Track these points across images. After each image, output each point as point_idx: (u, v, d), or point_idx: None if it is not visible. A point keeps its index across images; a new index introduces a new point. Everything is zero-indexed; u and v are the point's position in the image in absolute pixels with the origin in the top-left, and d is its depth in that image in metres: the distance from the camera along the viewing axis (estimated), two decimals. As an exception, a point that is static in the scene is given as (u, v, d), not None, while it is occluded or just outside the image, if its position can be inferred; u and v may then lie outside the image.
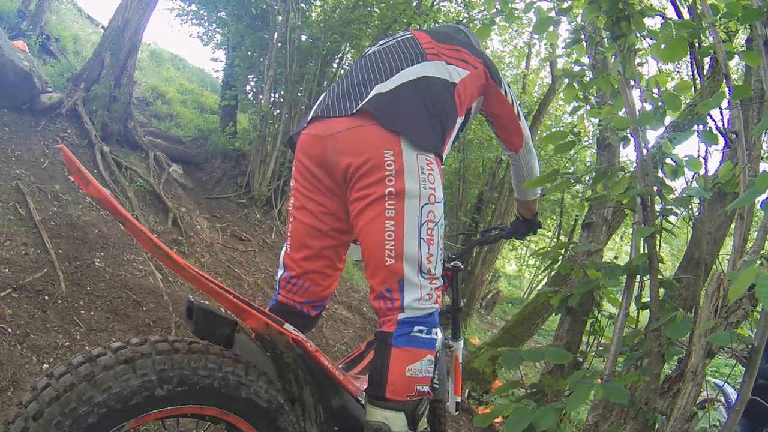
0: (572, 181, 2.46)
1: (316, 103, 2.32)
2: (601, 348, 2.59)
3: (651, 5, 2.44)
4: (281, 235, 7.84)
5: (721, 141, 2.38)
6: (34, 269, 4.07)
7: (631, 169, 2.41)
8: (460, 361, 3.04)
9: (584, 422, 2.10)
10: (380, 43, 2.55)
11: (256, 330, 1.85)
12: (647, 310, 2.17)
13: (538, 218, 3.15)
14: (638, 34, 2.35)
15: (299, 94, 8.59)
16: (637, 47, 2.37)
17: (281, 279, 2.38)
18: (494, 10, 3.11)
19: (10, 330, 3.43)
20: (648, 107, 2.33)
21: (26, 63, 5.98)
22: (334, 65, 9.48)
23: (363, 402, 2.15)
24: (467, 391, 6.09)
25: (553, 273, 5.31)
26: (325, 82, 9.05)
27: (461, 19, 10.11)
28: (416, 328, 2.04)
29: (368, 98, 2.11)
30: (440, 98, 2.21)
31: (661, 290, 2.22)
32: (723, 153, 2.78)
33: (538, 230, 3.18)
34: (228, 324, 1.84)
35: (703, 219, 2.75)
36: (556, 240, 16.33)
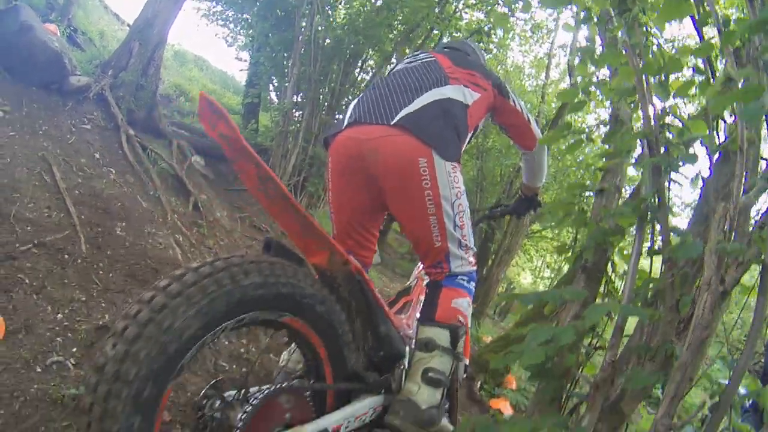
0: (583, 139, 2.52)
1: (350, 110, 2.71)
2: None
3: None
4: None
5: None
6: (56, 230, 4.16)
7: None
8: (469, 325, 3.16)
9: (601, 364, 2.11)
10: (406, 61, 3.00)
11: (319, 265, 2.21)
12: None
13: (539, 199, 3.64)
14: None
15: (321, 93, 8.71)
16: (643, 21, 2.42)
17: None
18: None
19: (27, 281, 3.51)
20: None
21: (57, 45, 6.12)
22: (357, 68, 9.61)
23: (401, 334, 2.63)
24: (479, 383, 6.09)
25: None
26: (347, 84, 9.19)
27: (482, 26, 10.19)
28: (460, 277, 2.64)
29: (403, 114, 2.51)
30: (459, 117, 2.64)
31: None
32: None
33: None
34: (297, 259, 2.13)
35: (710, 178, 2.78)
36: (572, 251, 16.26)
